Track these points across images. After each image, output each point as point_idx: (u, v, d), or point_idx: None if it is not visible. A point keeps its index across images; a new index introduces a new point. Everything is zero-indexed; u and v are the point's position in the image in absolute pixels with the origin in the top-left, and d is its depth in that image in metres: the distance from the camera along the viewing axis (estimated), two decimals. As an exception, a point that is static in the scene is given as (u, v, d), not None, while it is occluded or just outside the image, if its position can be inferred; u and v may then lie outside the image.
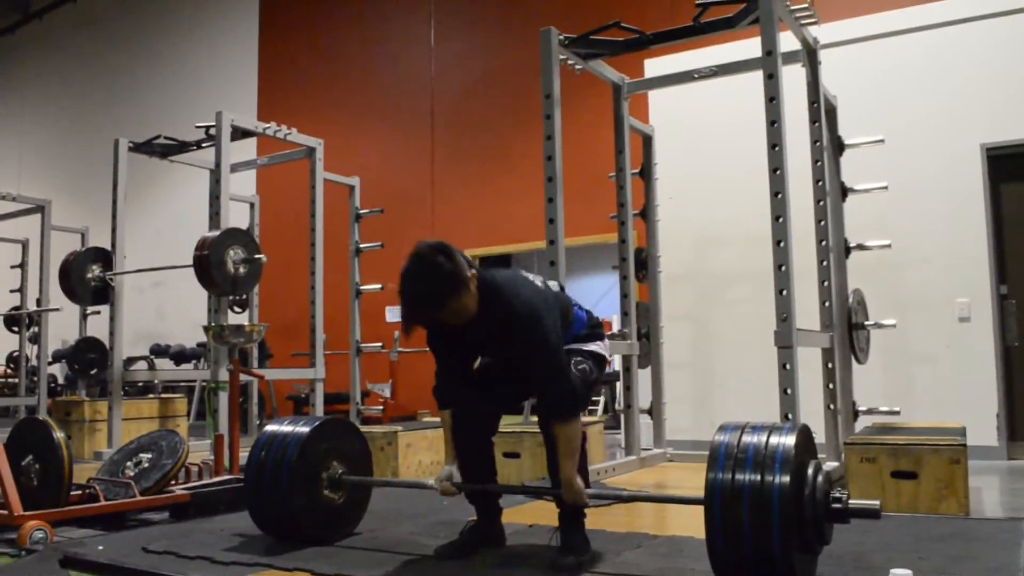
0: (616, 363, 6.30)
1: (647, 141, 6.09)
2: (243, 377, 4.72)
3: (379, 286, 7.35)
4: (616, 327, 5.75)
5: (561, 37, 4.83)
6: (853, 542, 3.16)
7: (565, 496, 2.77)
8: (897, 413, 4.99)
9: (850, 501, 2.42)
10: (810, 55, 4.86)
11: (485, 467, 3.03)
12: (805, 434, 2.48)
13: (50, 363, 9.49)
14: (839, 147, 5.14)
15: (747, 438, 2.41)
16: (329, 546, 3.12)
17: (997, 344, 5.64)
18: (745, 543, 2.28)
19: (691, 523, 3.43)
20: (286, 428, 3.21)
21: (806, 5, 4.66)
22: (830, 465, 4.57)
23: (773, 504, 2.27)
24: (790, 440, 2.37)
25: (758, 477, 2.30)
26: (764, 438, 2.39)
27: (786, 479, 2.29)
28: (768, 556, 2.26)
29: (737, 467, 2.34)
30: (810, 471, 2.41)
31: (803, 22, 4.71)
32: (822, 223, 4.85)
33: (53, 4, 14.89)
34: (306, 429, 3.16)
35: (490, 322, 2.76)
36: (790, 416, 3.98)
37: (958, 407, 5.45)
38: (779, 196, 4.13)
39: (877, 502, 2.42)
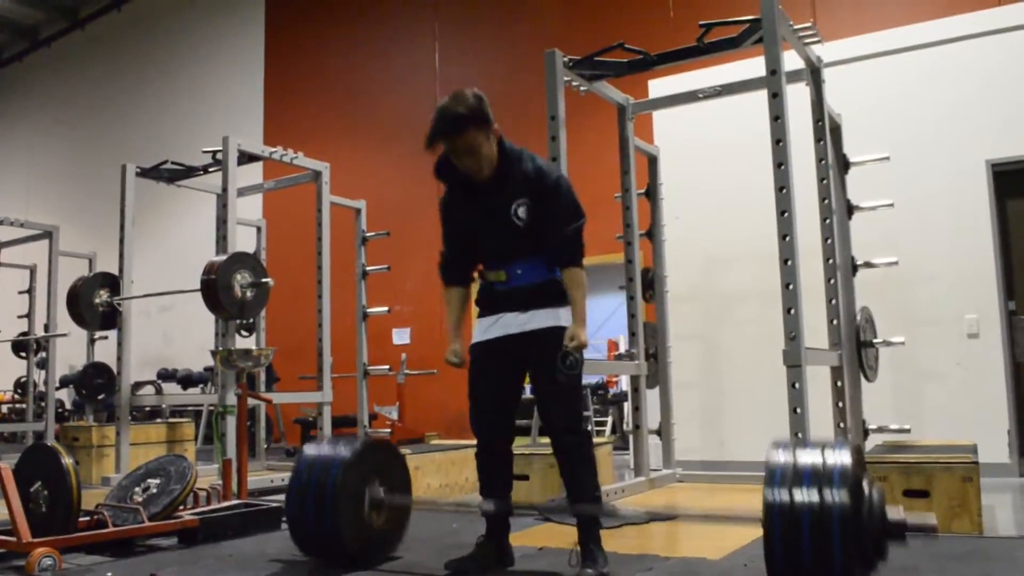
0: (624, 383, 6.27)
1: (652, 161, 6.09)
2: (251, 401, 4.71)
3: (386, 308, 7.35)
4: (623, 347, 5.74)
5: (566, 59, 4.85)
6: (868, 563, 3.13)
7: (575, 322, 2.88)
8: (908, 431, 4.96)
9: (907, 518, 2.36)
10: (814, 74, 4.88)
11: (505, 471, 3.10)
12: (859, 450, 2.44)
13: (58, 388, 9.49)
14: (844, 165, 5.14)
15: (803, 456, 2.36)
16: (336, 573, 3.11)
17: (1007, 360, 5.62)
18: (805, 563, 2.23)
19: (702, 545, 3.42)
20: (327, 451, 3.20)
21: (809, 24, 4.67)
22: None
23: (833, 522, 2.21)
24: (846, 457, 2.32)
25: (817, 496, 2.25)
26: (820, 456, 2.34)
27: (845, 496, 2.23)
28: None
29: (795, 485, 2.28)
30: (866, 486, 2.34)
31: (807, 41, 4.72)
32: (829, 241, 4.85)
33: (61, 31, 15.03)
34: (348, 453, 3.14)
35: (507, 184, 2.97)
36: (799, 435, 3.96)
37: (969, 424, 5.41)
38: (785, 215, 4.13)
39: (933, 515, 2.36)
